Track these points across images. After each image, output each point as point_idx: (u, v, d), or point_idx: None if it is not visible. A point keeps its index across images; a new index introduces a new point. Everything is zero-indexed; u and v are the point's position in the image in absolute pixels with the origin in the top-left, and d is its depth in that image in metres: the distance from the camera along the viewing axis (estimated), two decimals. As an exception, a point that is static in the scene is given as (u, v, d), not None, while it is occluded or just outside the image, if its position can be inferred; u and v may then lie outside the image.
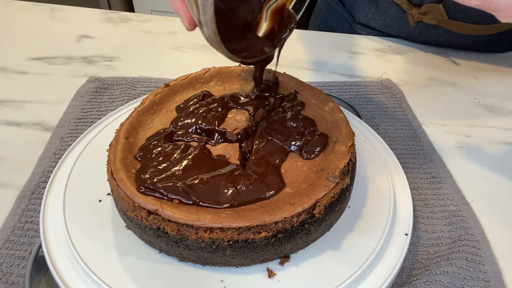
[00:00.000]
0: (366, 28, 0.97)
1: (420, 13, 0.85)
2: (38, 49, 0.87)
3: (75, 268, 0.43)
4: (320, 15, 1.08)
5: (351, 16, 0.99)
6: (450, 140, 0.68)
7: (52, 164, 0.59)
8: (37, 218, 0.52)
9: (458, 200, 0.57)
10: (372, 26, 0.96)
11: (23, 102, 0.73)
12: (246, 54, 0.50)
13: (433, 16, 0.84)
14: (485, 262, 0.48)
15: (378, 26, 0.95)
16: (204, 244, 0.41)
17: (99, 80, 0.76)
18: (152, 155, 0.48)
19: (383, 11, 0.91)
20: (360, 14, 0.96)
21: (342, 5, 1.01)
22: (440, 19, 0.84)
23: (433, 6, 0.83)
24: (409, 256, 0.50)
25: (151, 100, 0.57)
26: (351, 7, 0.98)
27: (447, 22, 0.84)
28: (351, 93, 0.77)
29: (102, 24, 0.98)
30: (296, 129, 0.52)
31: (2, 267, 0.47)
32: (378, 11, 0.92)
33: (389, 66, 0.87)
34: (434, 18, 0.84)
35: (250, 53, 0.50)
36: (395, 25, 0.92)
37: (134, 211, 0.42)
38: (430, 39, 0.91)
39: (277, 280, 0.42)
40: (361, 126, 0.62)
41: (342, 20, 1.01)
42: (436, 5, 0.82)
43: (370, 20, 0.95)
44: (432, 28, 0.88)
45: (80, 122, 0.68)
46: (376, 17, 0.93)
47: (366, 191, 0.52)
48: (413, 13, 0.86)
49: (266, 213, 0.41)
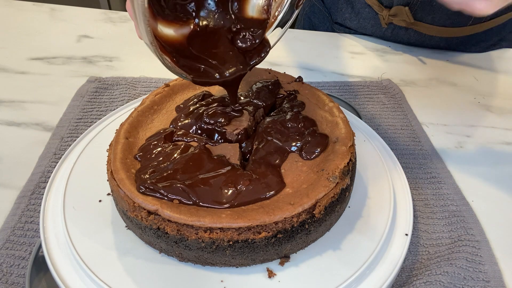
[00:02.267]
0: (343, 27, 0.98)
1: (390, 15, 0.86)
2: (38, 49, 0.87)
3: (75, 268, 0.43)
4: (304, 13, 1.09)
5: (330, 15, 1.00)
6: (450, 140, 0.68)
7: (52, 164, 0.59)
8: (37, 218, 0.52)
9: (458, 200, 0.57)
10: (348, 26, 0.97)
11: (23, 102, 0.73)
12: (200, 74, 0.47)
13: (401, 19, 0.86)
14: (485, 262, 0.48)
15: (354, 26, 0.96)
16: (204, 244, 0.41)
17: (99, 80, 0.76)
18: (152, 155, 0.48)
19: (357, 11, 0.93)
20: (337, 14, 0.97)
21: (323, 3, 1.01)
22: (408, 22, 0.85)
23: (400, 9, 0.84)
24: (409, 256, 0.50)
25: (151, 100, 0.57)
26: (329, 6, 0.99)
27: (416, 24, 0.86)
28: (351, 93, 0.77)
29: (102, 24, 0.98)
30: (296, 129, 0.52)
31: (2, 267, 0.47)
32: (353, 11, 0.93)
33: (389, 66, 0.87)
34: (403, 21, 0.86)
35: (204, 74, 0.47)
36: (369, 25, 0.94)
37: (134, 211, 0.42)
38: (402, 40, 0.92)
39: (277, 280, 0.42)
40: (361, 126, 0.62)
41: (324, 19, 1.02)
42: (403, 7, 0.84)
43: (346, 19, 0.96)
44: (404, 29, 0.89)
45: (80, 122, 0.68)
46: (352, 17, 0.95)
47: (366, 191, 0.52)
48: (384, 14, 0.87)
49: (266, 213, 0.41)
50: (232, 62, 0.49)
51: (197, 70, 0.47)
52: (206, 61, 0.48)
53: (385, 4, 0.87)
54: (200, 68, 0.47)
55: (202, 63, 0.48)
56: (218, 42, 0.49)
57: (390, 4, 0.86)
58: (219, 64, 0.48)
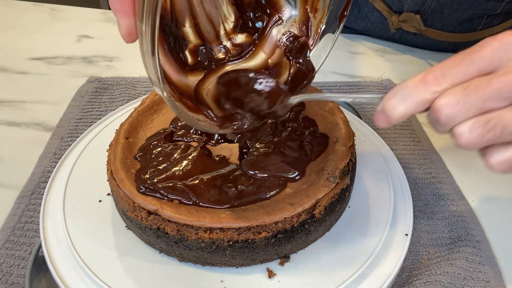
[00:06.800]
0: (349, 29, 0.98)
1: (399, 20, 0.86)
2: (38, 49, 0.87)
3: (75, 268, 0.43)
4: None
5: None
6: (450, 140, 0.68)
7: (52, 164, 0.59)
8: (37, 218, 0.52)
9: (458, 200, 0.56)
10: (353, 28, 0.97)
11: (23, 102, 0.73)
12: (234, 124, 0.41)
13: (411, 25, 0.86)
14: (485, 262, 0.48)
15: (360, 29, 0.96)
16: (204, 244, 0.41)
17: (99, 80, 0.76)
18: (152, 155, 0.48)
19: (365, 15, 0.92)
20: None
21: None
22: (418, 28, 0.86)
23: (411, 16, 0.84)
24: (409, 256, 0.50)
25: (151, 100, 0.57)
26: None
27: (425, 30, 0.86)
28: (351, 93, 0.77)
29: (102, 24, 0.98)
30: (296, 129, 0.51)
31: (2, 267, 0.47)
32: (360, 14, 0.93)
33: (389, 66, 0.87)
34: (413, 27, 0.86)
35: (239, 123, 0.41)
36: (377, 29, 0.93)
37: (134, 211, 0.42)
38: (410, 43, 0.93)
39: (277, 280, 0.42)
40: (361, 126, 0.62)
41: None
42: (413, 15, 0.84)
43: (352, 22, 0.96)
44: (412, 34, 0.89)
45: (80, 122, 0.67)
46: (358, 20, 0.94)
47: (366, 191, 0.52)
48: (393, 20, 0.87)
49: (266, 213, 0.41)
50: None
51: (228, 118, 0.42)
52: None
53: (395, 9, 0.87)
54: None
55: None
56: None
57: (400, 9, 0.86)
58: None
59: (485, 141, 0.31)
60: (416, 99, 0.32)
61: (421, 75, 0.32)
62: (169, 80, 0.40)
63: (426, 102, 0.32)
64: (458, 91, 0.30)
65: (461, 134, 0.32)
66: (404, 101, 0.32)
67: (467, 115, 0.31)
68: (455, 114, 0.31)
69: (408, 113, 0.32)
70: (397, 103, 0.32)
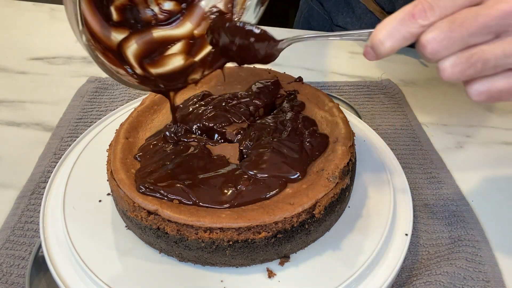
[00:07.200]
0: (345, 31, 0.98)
1: None
2: (38, 49, 0.87)
3: (75, 268, 0.43)
4: (302, 16, 1.09)
5: (330, 18, 1.00)
6: (450, 140, 0.68)
7: (52, 164, 0.59)
8: (37, 218, 0.52)
9: (458, 200, 0.56)
10: (349, 29, 0.97)
11: (23, 102, 0.73)
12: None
13: None
14: (485, 262, 0.48)
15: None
16: (204, 244, 0.41)
17: (99, 80, 0.76)
18: (152, 155, 0.48)
19: (359, 17, 0.93)
20: (338, 17, 0.97)
21: (322, 6, 1.01)
22: None
23: None
24: (409, 256, 0.50)
25: (151, 100, 0.57)
26: (330, 10, 0.99)
27: None
28: (351, 93, 0.77)
29: (102, 24, 0.98)
30: (296, 129, 0.51)
31: (2, 267, 0.47)
32: (354, 15, 0.93)
33: (389, 66, 0.87)
34: None
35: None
36: None
37: (134, 211, 0.42)
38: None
39: (277, 280, 0.42)
40: (361, 126, 0.62)
41: (324, 22, 1.02)
42: None
43: (348, 24, 0.96)
44: None
45: (80, 122, 0.68)
46: (353, 21, 0.94)
47: (366, 191, 0.52)
48: None
49: (266, 213, 0.41)
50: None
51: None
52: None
53: (387, 10, 0.87)
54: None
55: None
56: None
57: (392, 10, 0.86)
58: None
59: (467, 75, 0.32)
60: (403, 34, 0.33)
61: (410, 7, 0.32)
62: (91, 30, 0.42)
63: (413, 36, 0.33)
64: (444, 26, 0.31)
65: (444, 70, 0.32)
66: (391, 36, 0.33)
67: (451, 51, 0.32)
68: (439, 50, 0.32)
69: (396, 47, 0.33)
70: (384, 38, 0.33)
